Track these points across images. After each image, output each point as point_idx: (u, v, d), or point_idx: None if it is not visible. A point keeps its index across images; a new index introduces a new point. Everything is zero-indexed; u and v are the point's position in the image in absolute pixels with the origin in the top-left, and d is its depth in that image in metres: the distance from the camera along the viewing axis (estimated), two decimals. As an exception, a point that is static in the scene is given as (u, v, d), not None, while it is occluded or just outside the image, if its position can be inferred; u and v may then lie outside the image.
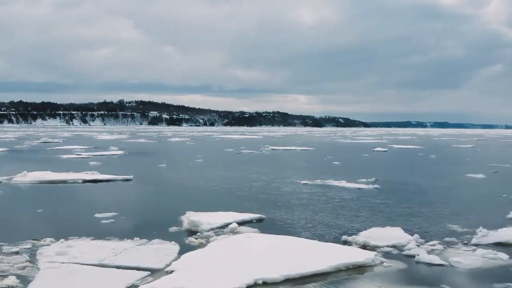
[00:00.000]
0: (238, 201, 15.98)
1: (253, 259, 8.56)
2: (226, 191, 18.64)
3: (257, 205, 15.16)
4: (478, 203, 16.43)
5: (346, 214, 13.85)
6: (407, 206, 15.35)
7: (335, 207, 15.00)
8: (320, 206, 15.19)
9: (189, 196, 17.65)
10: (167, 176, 23.67)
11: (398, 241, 10.33)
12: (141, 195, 17.99)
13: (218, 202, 15.66)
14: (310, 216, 13.43)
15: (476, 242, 10.58)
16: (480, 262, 9.02)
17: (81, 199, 16.96)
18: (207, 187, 19.94)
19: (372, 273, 8.43)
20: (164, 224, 11.80)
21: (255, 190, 18.70)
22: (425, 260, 9.08)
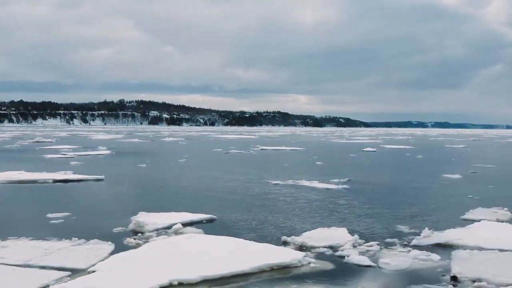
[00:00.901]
0: (198, 202, 16.02)
1: (179, 259, 8.58)
2: (192, 192, 18.69)
3: (216, 205, 15.16)
4: (441, 204, 16.39)
5: (300, 215, 13.86)
6: (367, 207, 15.34)
7: (292, 208, 15.00)
8: (278, 207, 15.20)
9: (151, 196, 17.66)
10: (140, 176, 23.71)
11: (337, 241, 10.34)
12: (103, 195, 18.05)
13: (178, 202, 15.72)
14: (263, 217, 13.43)
15: (416, 243, 10.58)
16: (409, 263, 9.02)
17: (42, 199, 16.99)
18: (175, 187, 20.01)
19: (295, 273, 8.44)
20: (111, 225, 11.82)
21: (222, 191, 18.70)
22: (353, 261, 9.09)
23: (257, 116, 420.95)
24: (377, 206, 15.61)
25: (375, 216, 13.84)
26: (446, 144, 72.20)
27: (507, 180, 23.40)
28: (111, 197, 17.43)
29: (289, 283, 7.89)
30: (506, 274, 8.28)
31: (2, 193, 18.06)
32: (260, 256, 8.82)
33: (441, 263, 9.08)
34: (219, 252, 9.06)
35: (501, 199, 17.40)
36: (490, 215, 13.93)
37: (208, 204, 15.28)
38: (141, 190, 19.47)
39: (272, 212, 14.24)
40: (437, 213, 14.49)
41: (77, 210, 13.92)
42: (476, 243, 10.39)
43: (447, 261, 9.16)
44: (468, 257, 9.44)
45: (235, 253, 9.00)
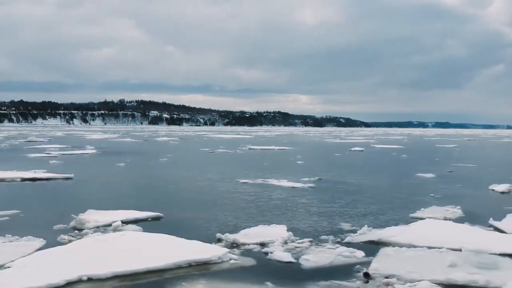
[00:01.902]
0: (154, 200, 16.13)
1: (97, 256, 8.67)
2: (153, 190, 18.82)
3: (171, 204, 15.27)
4: (398, 202, 16.41)
5: (250, 213, 13.93)
6: (323, 205, 15.40)
7: (246, 206, 15.08)
8: (232, 205, 15.28)
9: (109, 194, 17.78)
10: (111, 175, 23.79)
11: (270, 238, 10.43)
12: (62, 193, 18.19)
13: (133, 200, 15.79)
14: (211, 215, 13.50)
15: (349, 240, 10.66)
16: (330, 259, 9.10)
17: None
18: (139, 185, 20.15)
19: (212, 269, 8.53)
20: (54, 222, 11.89)
21: (185, 190, 18.84)
22: (275, 257, 9.17)
23: (257, 116, 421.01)
24: (334, 204, 15.67)
25: (326, 214, 13.91)
26: (438, 144, 72.15)
27: (478, 179, 23.38)
28: (69, 195, 17.54)
29: (202, 278, 7.98)
30: (421, 270, 8.35)
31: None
32: (181, 252, 8.90)
33: (363, 260, 9.15)
34: (143, 248, 9.15)
35: (461, 197, 17.51)
36: (440, 213, 14.00)
37: (163, 203, 15.37)
38: (102, 188, 19.56)
39: (224, 210, 14.30)
40: (389, 211, 14.55)
41: (28, 208, 14.03)
42: (408, 240, 10.45)
43: (370, 258, 9.23)
44: (392, 254, 9.50)
45: (157, 249, 9.09)
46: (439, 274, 8.15)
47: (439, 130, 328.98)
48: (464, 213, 14.26)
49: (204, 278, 7.97)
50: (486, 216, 13.29)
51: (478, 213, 14.16)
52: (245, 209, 14.67)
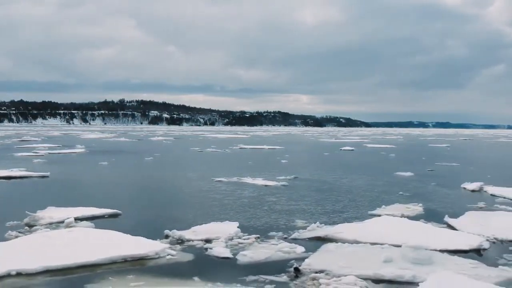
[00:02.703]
0: (118, 197, 16.30)
1: (32, 251, 8.73)
2: (120, 188, 19.01)
3: (134, 201, 15.38)
4: (364, 200, 16.42)
5: (210, 210, 14.00)
6: (288, 203, 15.46)
7: (208, 204, 15.15)
8: (196, 203, 15.39)
9: (77, 192, 17.93)
10: (87, 174, 23.88)
11: (216, 235, 10.50)
12: (29, 191, 18.31)
13: (97, 198, 15.86)
14: (170, 213, 13.61)
15: (295, 236, 10.74)
16: (266, 255, 9.17)
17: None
18: (108, 183, 20.34)
19: (147, 265, 8.62)
20: (9, 219, 11.95)
21: (155, 187, 18.97)
22: (214, 253, 9.25)
23: (258, 116, 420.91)
24: (300, 202, 15.74)
25: (287, 211, 13.96)
26: (431, 143, 72.12)
27: (455, 177, 23.36)
28: (36, 193, 17.66)
29: (132, 273, 8.04)
30: (354, 266, 8.42)
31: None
32: (119, 248, 8.98)
33: (301, 255, 9.21)
34: (81, 244, 9.23)
35: (429, 195, 17.59)
36: (400, 210, 14.06)
37: (127, 200, 15.50)
38: (73, 186, 19.64)
39: (185, 207, 14.42)
40: (352, 209, 14.62)
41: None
42: (354, 237, 10.52)
43: (309, 253, 9.29)
44: (333, 250, 9.57)
45: (96, 245, 9.17)
46: (369, 269, 8.21)
47: (439, 130, 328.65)
48: (424, 210, 14.34)
49: (134, 273, 8.05)
50: (445, 213, 13.36)
51: (438, 211, 14.21)
52: (207, 206, 14.74)
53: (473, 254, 9.65)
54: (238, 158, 37.03)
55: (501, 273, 8.23)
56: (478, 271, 8.26)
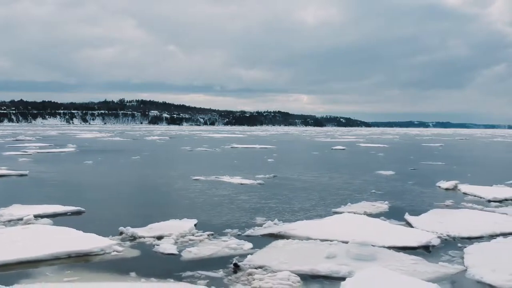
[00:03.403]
0: (87, 195, 16.35)
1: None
2: (93, 186, 19.03)
3: (101, 199, 15.48)
4: (333, 197, 16.45)
5: (174, 207, 14.11)
6: (258, 201, 15.47)
7: (176, 203, 15.28)
8: (163, 201, 15.51)
9: (49, 189, 17.97)
10: (66, 172, 23.93)
11: (169, 232, 10.56)
12: (2, 189, 18.36)
13: (66, 195, 15.95)
14: (133, 210, 13.73)
15: (249, 233, 10.81)
16: (212, 251, 9.25)
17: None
18: (83, 182, 20.36)
19: (90, 261, 8.70)
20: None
21: (127, 185, 19.13)
22: (160, 249, 9.32)
23: (258, 116, 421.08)
24: (270, 200, 15.77)
25: (253, 209, 14.00)
26: (425, 143, 72.13)
27: (434, 176, 23.27)
28: (7, 191, 17.75)
29: (71, 269, 8.11)
30: (294, 262, 8.48)
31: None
32: (65, 244, 9.04)
33: (247, 252, 9.26)
34: (27, 240, 9.30)
35: (400, 194, 17.67)
36: (364, 208, 14.11)
37: (95, 198, 15.58)
38: (47, 184, 19.62)
39: (150, 205, 14.51)
40: (320, 207, 14.65)
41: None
42: (307, 233, 10.59)
43: (256, 250, 9.37)
44: (280, 247, 9.64)
45: (41, 241, 9.25)
46: (308, 265, 8.27)
47: (439, 130, 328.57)
48: (390, 208, 14.39)
49: (73, 269, 8.12)
50: (410, 211, 13.41)
51: (403, 208, 14.18)
52: (173, 204, 14.84)
53: (420, 250, 9.71)
54: (225, 157, 37.11)
55: (438, 269, 8.28)
56: (416, 267, 8.32)
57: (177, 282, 7.47)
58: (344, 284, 6.86)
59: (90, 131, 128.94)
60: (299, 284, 7.49)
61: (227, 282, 7.57)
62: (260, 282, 7.44)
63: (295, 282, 7.51)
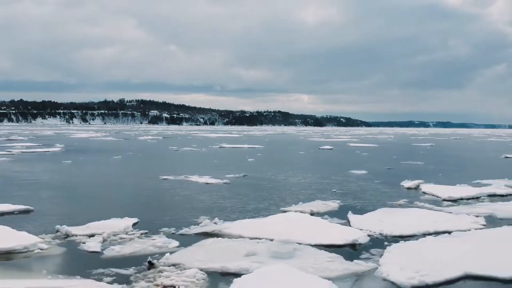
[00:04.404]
0: (43, 195, 16.47)
1: None
2: (56, 186, 19.14)
3: (55, 197, 15.61)
4: (294, 196, 16.48)
5: (123, 207, 14.19)
6: (215, 201, 15.58)
7: (129, 202, 15.41)
8: (118, 200, 15.67)
9: (8, 188, 18.07)
10: (37, 172, 24.00)
11: (103, 230, 10.66)
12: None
13: (23, 194, 16.04)
14: (81, 209, 13.82)
15: (183, 232, 10.94)
16: (134, 249, 9.38)
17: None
18: (49, 181, 20.42)
19: (11, 258, 8.82)
20: None
21: (89, 185, 19.25)
22: (85, 247, 9.46)
23: (258, 116, 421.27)
24: (225, 200, 15.89)
25: (202, 208, 14.10)
26: (417, 143, 72.15)
27: (404, 175, 23.21)
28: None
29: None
30: (209, 259, 8.60)
31: None
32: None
33: (171, 250, 9.38)
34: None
35: (358, 193, 17.75)
36: (314, 207, 14.21)
37: (51, 197, 15.69)
38: (10, 183, 19.72)
39: (102, 204, 14.66)
40: (271, 205, 14.75)
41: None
42: (240, 232, 10.72)
43: (180, 248, 9.49)
44: (205, 245, 9.76)
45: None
46: (220, 262, 8.38)
47: (438, 129, 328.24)
48: (339, 207, 14.50)
49: None
50: (356, 210, 13.60)
51: (352, 207, 14.29)
52: (126, 203, 14.98)
53: (346, 248, 9.83)
54: (207, 157, 37.23)
55: (350, 267, 8.39)
56: (329, 265, 8.42)
57: (82, 279, 7.58)
58: (236, 280, 6.97)
59: (87, 131, 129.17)
60: (204, 281, 7.60)
61: (133, 279, 7.68)
62: (164, 279, 7.55)
63: (199, 279, 7.62)
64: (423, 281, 7.60)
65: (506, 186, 18.84)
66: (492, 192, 17.46)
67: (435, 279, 7.70)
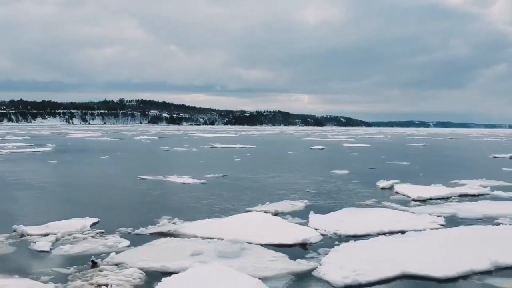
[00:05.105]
0: (12, 194, 16.56)
1: None
2: (28, 185, 19.17)
3: (24, 197, 15.69)
4: (267, 196, 16.42)
5: (88, 207, 14.11)
6: (182, 201, 15.74)
7: (96, 202, 15.36)
8: (85, 200, 15.74)
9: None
10: (15, 172, 24.11)
11: (59, 230, 10.76)
12: None
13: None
14: (46, 209, 13.94)
15: (139, 231, 11.00)
16: (84, 249, 9.46)
17: None
18: (24, 181, 20.47)
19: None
20: None
21: (63, 185, 19.39)
22: (35, 247, 9.54)
23: (258, 116, 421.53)
24: (195, 200, 15.96)
25: (169, 208, 14.09)
26: (412, 143, 72.18)
27: (384, 175, 23.30)
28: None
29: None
30: (153, 259, 8.67)
31: None
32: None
33: (120, 249, 9.47)
34: None
35: (332, 193, 17.85)
36: (278, 207, 14.28)
37: (18, 197, 15.79)
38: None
39: (66, 204, 14.76)
40: (238, 206, 14.76)
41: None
42: (194, 232, 10.80)
43: (131, 247, 9.57)
44: (158, 245, 9.83)
45: None
46: (162, 262, 8.46)
47: (438, 129, 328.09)
48: (305, 207, 14.55)
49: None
50: (322, 210, 13.67)
51: (318, 207, 14.33)
52: (89, 203, 14.94)
53: (294, 248, 9.91)
54: (195, 157, 37.33)
55: (290, 266, 8.46)
56: (271, 264, 8.50)
57: (19, 279, 7.66)
58: (165, 279, 7.06)
59: (85, 131, 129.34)
60: (139, 280, 7.68)
61: (70, 278, 7.77)
62: (100, 278, 7.63)
63: (135, 278, 7.70)
64: (356, 280, 7.68)
65: (480, 186, 18.87)
66: (464, 192, 17.52)
67: (369, 278, 7.78)
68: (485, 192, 17.90)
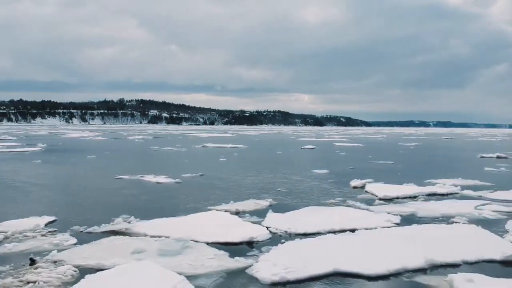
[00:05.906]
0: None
1: None
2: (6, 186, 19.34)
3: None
4: (231, 195, 16.57)
5: (45, 206, 14.31)
6: (147, 200, 15.81)
7: (56, 202, 15.46)
8: (53, 199, 15.81)
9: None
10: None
11: (10, 228, 10.88)
12: None
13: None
14: (7, 208, 13.99)
15: (90, 230, 11.10)
16: (28, 247, 9.56)
17: None
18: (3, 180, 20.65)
19: None
20: None
21: (36, 184, 19.39)
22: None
23: (258, 116, 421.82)
24: (161, 199, 16.11)
25: (129, 207, 14.11)
26: (405, 142, 72.23)
27: (361, 175, 23.49)
28: None
29: None
30: (92, 257, 8.78)
31: None
32: None
33: (65, 247, 9.58)
34: None
35: (304, 193, 17.92)
36: (240, 206, 14.36)
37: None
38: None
39: (29, 203, 14.81)
40: (203, 205, 14.84)
41: None
42: (145, 230, 10.91)
43: (77, 246, 9.68)
44: (104, 243, 9.93)
45: None
46: (99, 260, 8.57)
47: (437, 129, 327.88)
48: (269, 206, 14.62)
49: None
50: (284, 209, 13.73)
51: (282, 207, 14.44)
52: (52, 203, 15.00)
53: (240, 246, 10.02)
54: (181, 157, 37.43)
55: (227, 264, 8.57)
56: (209, 262, 8.61)
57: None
58: (89, 276, 7.17)
59: (83, 130, 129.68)
60: (71, 277, 7.78)
61: (2, 276, 7.86)
62: (32, 276, 7.73)
63: (67, 276, 7.80)
64: (285, 277, 7.77)
65: (451, 186, 18.94)
66: (433, 191, 17.60)
67: (299, 275, 7.87)
68: (454, 191, 17.97)
